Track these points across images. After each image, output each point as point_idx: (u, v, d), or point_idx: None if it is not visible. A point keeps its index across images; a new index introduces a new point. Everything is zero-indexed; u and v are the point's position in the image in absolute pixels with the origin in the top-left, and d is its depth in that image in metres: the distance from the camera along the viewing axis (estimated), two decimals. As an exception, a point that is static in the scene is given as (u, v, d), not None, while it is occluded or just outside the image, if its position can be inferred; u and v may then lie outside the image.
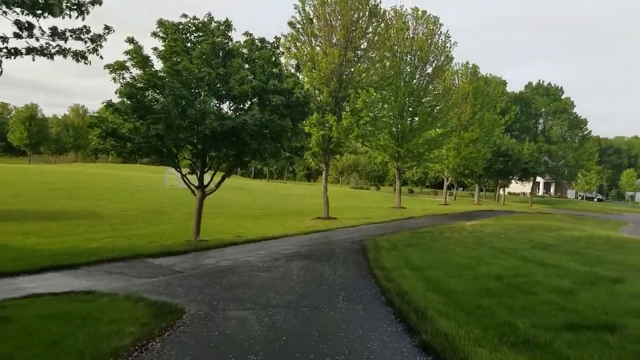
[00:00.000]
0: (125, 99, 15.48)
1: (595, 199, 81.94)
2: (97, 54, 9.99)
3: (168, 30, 16.56)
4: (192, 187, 18.48)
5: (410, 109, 33.38)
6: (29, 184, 42.00)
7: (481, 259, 13.19)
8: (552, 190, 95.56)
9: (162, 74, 16.01)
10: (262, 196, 45.74)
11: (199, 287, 10.74)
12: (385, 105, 30.43)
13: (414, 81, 33.60)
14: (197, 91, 15.88)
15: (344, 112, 24.87)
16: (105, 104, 15.49)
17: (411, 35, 33.59)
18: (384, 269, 12.00)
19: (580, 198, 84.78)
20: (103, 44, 9.47)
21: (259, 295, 9.89)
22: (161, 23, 16.66)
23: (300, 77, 21.67)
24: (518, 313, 7.76)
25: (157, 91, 15.63)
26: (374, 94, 24.38)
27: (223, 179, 18.87)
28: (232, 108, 17.46)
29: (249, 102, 17.34)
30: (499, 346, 6.13)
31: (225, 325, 7.73)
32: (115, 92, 15.32)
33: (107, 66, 15.87)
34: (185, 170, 18.83)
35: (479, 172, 46.68)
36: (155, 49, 16.84)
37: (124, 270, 12.76)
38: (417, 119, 33.82)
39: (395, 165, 34.85)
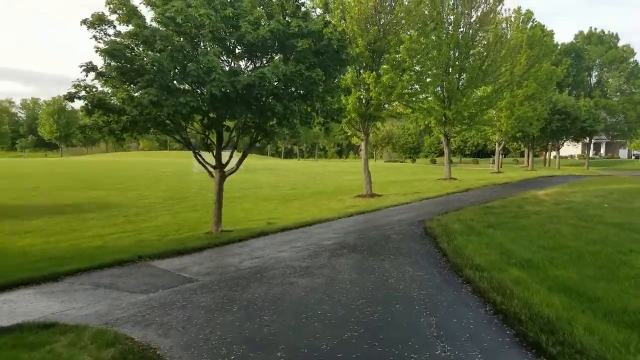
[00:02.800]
0: (108, 60, 11.96)
1: (652, 157, 74.48)
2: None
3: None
4: (208, 167, 15.04)
5: (457, 63, 28.73)
6: (52, 176, 41.05)
7: (616, 243, 9.11)
8: (602, 150, 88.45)
9: (152, 23, 12.36)
10: (294, 175, 42.22)
11: (208, 310, 7.24)
12: (428, 63, 26.04)
13: (459, 31, 28.88)
14: (198, 42, 12.19)
15: (383, 67, 20.67)
16: (84, 67, 12.03)
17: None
18: (477, 267, 8.13)
19: (633, 157, 77.62)
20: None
21: (299, 326, 6.22)
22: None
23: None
24: None
25: (148, 46, 12.01)
26: (418, 39, 20.08)
27: (244, 155, 15.30)
28: (248, 66, 13.72)
29: (269, 56, 13.58)
30: None
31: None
32: (96, 51, 11.80)
33: (83, 22, 12.38)
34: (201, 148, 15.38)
35: (534, 133, 41.44)
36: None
37: (116, 281, 9.56)
38: (465, 75, 29.21)
39: (443, 131, 30.39)
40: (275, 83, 11.35)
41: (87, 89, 12.35)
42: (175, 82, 11.53)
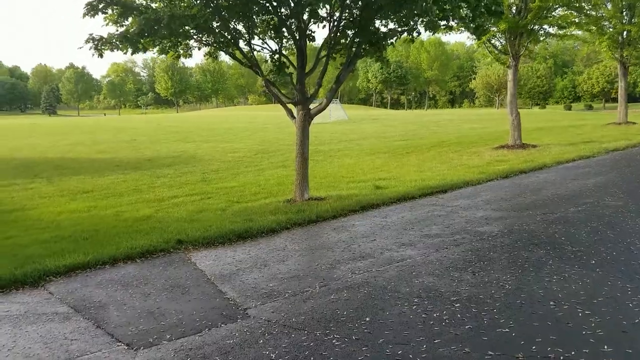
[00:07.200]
0: None
1: None
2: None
3: None
4: (287, 103, 9.94)
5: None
6: (154, 130, 40.56)
7: None
8: None
9: None
10: (404, 125, 35.95)
11: None
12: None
13: None
14: None
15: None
16: None
17: None
18: None
19: None
20: None
21: None
22: None
23: None
24: None
25: None
26: None
27: (339, 82, 9.82)
28: None
29: None
30: None
31: None
32: None
33: None
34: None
35: None
36: None
37: (112, 299, 5.28)
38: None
39: (619, 57, 21.86)
40: None
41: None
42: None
